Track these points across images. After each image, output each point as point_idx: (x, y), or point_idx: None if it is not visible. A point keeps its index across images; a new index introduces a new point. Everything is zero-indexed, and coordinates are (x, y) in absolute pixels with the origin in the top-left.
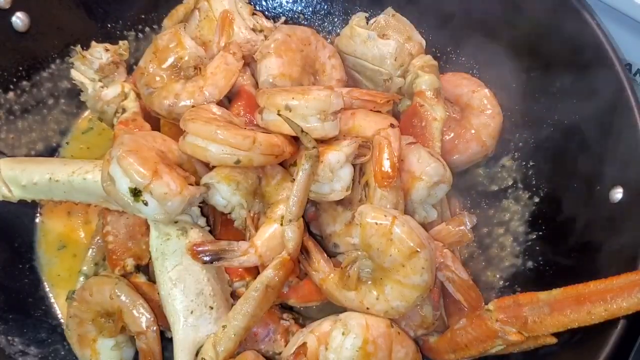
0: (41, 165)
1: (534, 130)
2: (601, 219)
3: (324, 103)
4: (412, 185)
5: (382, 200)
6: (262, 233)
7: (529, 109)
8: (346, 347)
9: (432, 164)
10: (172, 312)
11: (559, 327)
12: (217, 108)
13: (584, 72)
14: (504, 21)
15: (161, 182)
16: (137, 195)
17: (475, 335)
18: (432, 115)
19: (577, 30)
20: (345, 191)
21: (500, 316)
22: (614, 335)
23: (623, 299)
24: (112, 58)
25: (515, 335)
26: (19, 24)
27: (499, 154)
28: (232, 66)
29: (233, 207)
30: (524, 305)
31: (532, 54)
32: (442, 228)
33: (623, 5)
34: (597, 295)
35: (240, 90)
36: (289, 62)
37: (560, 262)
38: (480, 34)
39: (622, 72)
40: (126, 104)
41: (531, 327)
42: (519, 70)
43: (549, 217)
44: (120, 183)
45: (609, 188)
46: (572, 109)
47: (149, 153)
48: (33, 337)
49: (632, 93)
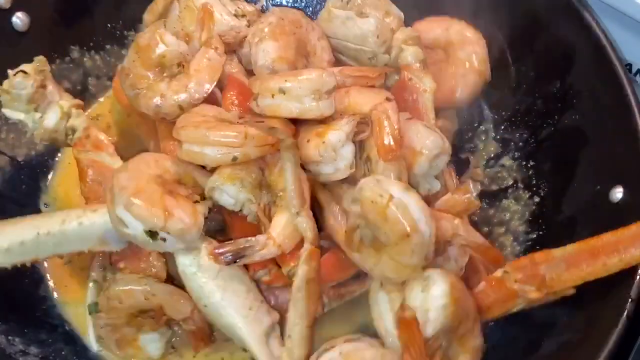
0: (21, 223)
1: (534, 130)
2: (602, 219)
3: (316, 82)
4: (413, 160)
5: (386, 172)
6: (277, 223)
7: (529, 109)
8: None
9: (431, 137)
10: (230, 315)
11: (576, 281)
12: (208, 107)
13: (583, 72)
14: (504, 21)
15: (175, 220)
16: (154, 235)
17: (496, 297)
18: (422, 87)
19: (577, 29)
20: (349, 169)
21: (518, 276)
22: (614, 334)
23: (636, 247)
24: (36, 83)
25: (534, 293)
26: (19, 24)
27: (499, 153)
28: (214, 62)
29: (242, 204)
30: (539, 263)
31: (532, 53)
32: (449, 198)
33: (623, 4)
34: (610, 247)
35: (230, 79)
36: (285, 46)
37: None
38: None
39: (622, 72)
40: (73, 124)
41: (549, 284)
42: (518, 70)
43: (549, 217)
44: (134, 227)
45: (609, 188)
46: (572, 108)
47: (150, 187)
48: (34, 337)
49: (632, 93)
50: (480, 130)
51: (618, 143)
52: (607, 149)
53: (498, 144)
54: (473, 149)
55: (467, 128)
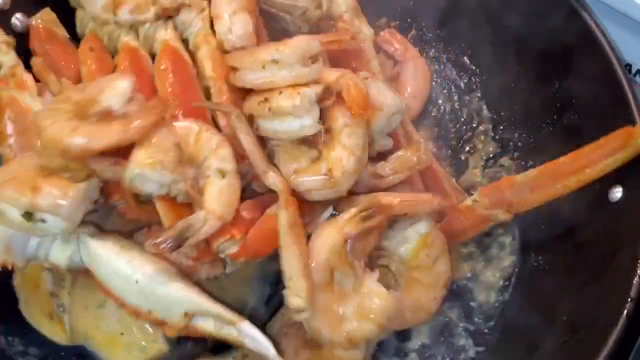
0: None
1: (534, 130)
2: (600, 219)
3: (305, 49)
4: (372, 116)
5: (352, 136)
6: (210, 195)
7: (528, 109)
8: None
9: (391, 96)
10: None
11: (541, 202)
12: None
13: (582, 72)
14: (502, 21)
15: (43, 194)
16: (31, 217)
17: (468, 223)
18: (360, 35)
19: (576, 30)
20: (317, 124)
21: (487, 203)
22: (614, 334)
23: (590, 167)
24: None
25: (503, 215)
26: (18, 25)
27: (498, 153)
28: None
29: (168, 186)
30: (505, 189)
31: (530, 53)
32: (402, 153)
33: (623, 5)
34: (567, 168)
35: (165, 48)
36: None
37: (559, 261)
38: (475, 33)
39: (622, 72)
40: (0, 59)
41: (517, 207)
42: (517, 70)
43: (548, 217)
44: (10, 214)
45: (608, 187)
46: (571, 109)
47: (25, 174)
48: (33, 337)
49: (631, 93)
50: (479, 130)
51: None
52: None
53: (497, 144)
54: (472, 149)
55: (466, 128)
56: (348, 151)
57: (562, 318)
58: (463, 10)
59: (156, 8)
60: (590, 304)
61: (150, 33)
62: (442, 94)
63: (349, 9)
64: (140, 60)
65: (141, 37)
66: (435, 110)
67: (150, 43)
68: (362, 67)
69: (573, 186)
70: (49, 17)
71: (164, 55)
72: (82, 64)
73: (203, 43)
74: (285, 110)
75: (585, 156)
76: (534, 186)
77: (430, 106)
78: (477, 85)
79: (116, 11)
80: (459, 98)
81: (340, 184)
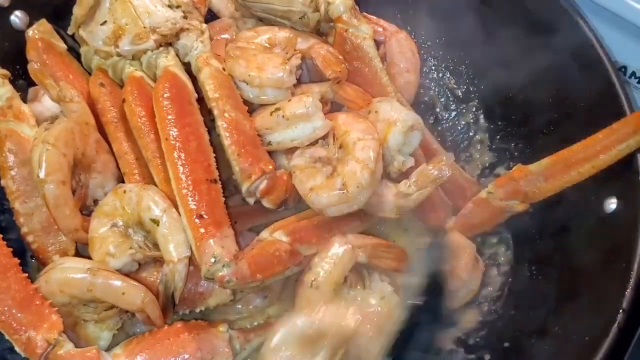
0: None
1: (530, 140)
2: (595, 230)
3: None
4: (388, 131)
5: (365, 149)
6: (166, 247)
7: (525, 118)
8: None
9: (405, 111)
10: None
11: (556, 190)
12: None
13: (577, 79)
14: (500, 32)
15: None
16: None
17: (485, 215)
18: (360, 35)
19: (570, 33)
20: (328, 121)
21: (502, 195)
22: (605, 344)
23: (604, 153)
24: None
25: (519, 206)
26: (18, 22)
27: (494, 163)
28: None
29: (131, 263)
30: (519, 179)
31: (525, 60)
32: (423, 168)
33: (616, 6)
34: (581, 155)
35: (165, 73)
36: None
37: (552, 271)
38: (473, 43)
39: (615, 76)
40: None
41: (532, 196)
42: (514, 80)
43: (542, 227)
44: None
45: (603, 198)
46: (567, 118)
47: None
48: None
49: (625, 98)
50: (475, 139)
51: None
52: None
53: (493, 153)
54: (468, 159)
55: (463, 137)
56: (361, 164)
57: (554, 328)
58: (462, 20)
59: (156, 36)
60: (583, 315)
61: (152, 60)
62: (440, 102)
63: (347, 10)
64: (147, 90)
65: (144, 65)
66: (432, 118)
67: (154, 70)
68: (364, 67)
69: (587, 173)
70: (45, 28)
71: (163, 81)
72: (96, 102)
73: (204, 65)
74: (300, 113)
75: (599, 142)
76: (548, 175)
77: (427, 114)
78: (474, 95)
79: (117, 43)
80: (456, 107)
81: (355, 198)
